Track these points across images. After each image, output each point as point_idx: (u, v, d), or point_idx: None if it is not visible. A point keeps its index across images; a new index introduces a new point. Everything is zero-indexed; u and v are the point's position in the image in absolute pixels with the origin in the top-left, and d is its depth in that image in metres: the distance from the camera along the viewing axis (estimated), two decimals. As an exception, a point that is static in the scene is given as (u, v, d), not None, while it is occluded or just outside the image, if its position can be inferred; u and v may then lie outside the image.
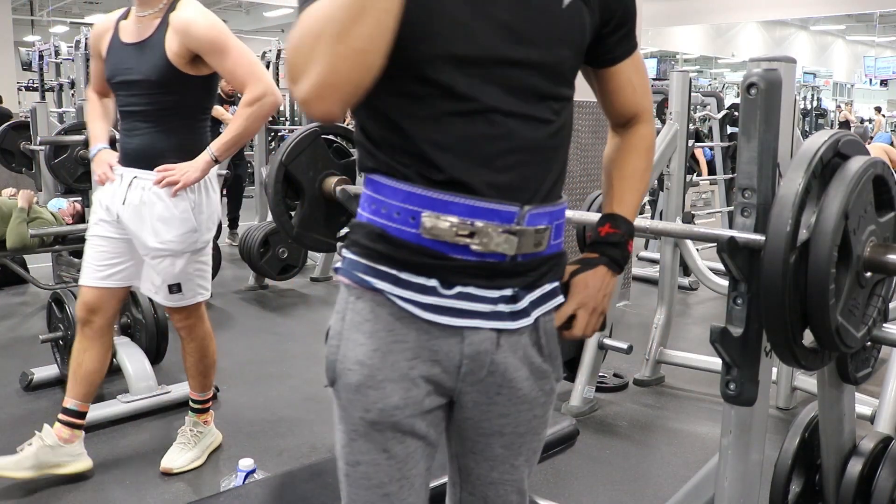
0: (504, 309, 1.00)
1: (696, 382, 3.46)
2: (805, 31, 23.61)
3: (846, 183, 1.17)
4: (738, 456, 1.39)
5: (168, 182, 2.25)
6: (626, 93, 1.17)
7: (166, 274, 2.34)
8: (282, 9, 18.09)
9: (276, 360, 3.79)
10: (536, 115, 0.99)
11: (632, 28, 1.13)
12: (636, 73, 1.16)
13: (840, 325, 1.20)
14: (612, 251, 1.14)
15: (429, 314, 0.97)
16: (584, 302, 1.11)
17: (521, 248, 0.98)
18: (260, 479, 2.08)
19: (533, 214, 0.98)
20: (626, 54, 1.14)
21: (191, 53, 2.20)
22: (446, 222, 0.94)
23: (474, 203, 0.94)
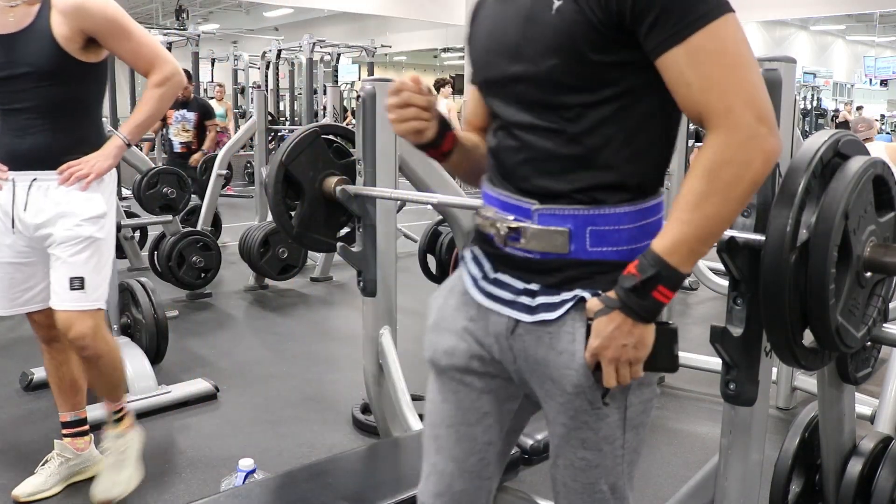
0: (525, 301, 1.07)
1: (696, 382, 3.46)
2: (805, 31, 23.58)
3: (846, 183, 1.17)
4: (738, 456, 1.39)
5: (77, 177, 2.08)
6: (680, 91, 0.96)
7: (70, 266, 2.09)
8: (282, 9, 18.09)
9: (276, 360, 3.78)
10: (545, 125, 1.03)
11: (664, 15, 0.93)
12: (690, 65, 0.94)
13: (840, 325, 1.20)
14: (628, 297, 0.97)
15: (473, 291, 1.14)
16: (600, 351, 0.99)
17: (530, 245, 1.04)
18: (260, 479, 2.08)
19: (545, 215, 1.03)
20: (663, 46, 0.94)
21: (84, 37, 2.02)
22: (485, 214, 1.11)
23: (499, 197, 1.09)
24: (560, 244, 1.02)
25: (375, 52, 11.55)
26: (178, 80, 2.17)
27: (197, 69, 9.93)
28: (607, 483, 1.12)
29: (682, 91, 0.96)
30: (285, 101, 12.97)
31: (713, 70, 0.93)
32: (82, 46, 2.04)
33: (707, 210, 0.94)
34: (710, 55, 0.93)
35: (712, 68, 0.93)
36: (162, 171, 4.44)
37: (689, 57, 0.94)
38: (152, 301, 3.24)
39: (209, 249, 4.76)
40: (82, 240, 2.10)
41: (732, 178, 0.93)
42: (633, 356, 0.99)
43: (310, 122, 8.73)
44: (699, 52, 0.93)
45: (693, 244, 0.96)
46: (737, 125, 0.93)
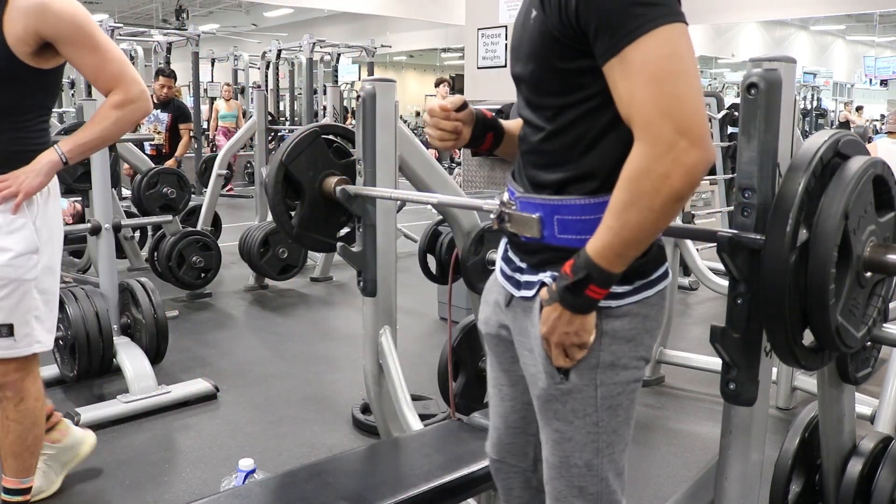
0: (517, 277, 1.21)
1: (696, 382, 3.46)
2: (805, 31, 23.57)
3: (846, 183, 1.17)
4: (738, 456, 1.39)
5: (4, 196, 1.78)
6: (616, 102, 1.01)
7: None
8: (282, 9, 18.08)
9: (276, 360, 3.79)
10: (534, 122, 1.16)
11: (604, 27, 0.98)
12: (621, 77, 0.98)
13: (840, 325, 1.20)
14: (564, 294, 1.06)
15: (499, 264, 1.28)
16: (546, 336, 1.12)
17: (512, 227, 1.18)
18: (260, 479, 2.08)
19: (523, 202, 1.16)
20: (603, 57, 1.00)
21: (40, 41, 1.76)
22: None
23: (508, 182, 1.23)
24: (534, 230, 1.14)
25: (375, 52, 11.54)
26: (144, 105, 1.90)
27: (197, 69, 9.94)
28: (582, 459, 1.18)
29: (617, 102, 1.01)
30: (285, 101, 12.97)
31: (637, 83, 0.97)
32: (34, 51, 1.77)
33: (629, 218, 0.99)
34: (636, 68, 0.97)
35: (637, 81, 0.97)
36: (162, 171, 4.44)
37: (622, 69, 0.98)
38: (152, 301, 3.24)
39: (209, 249, 4.76)
40: (6, 283, 1.80)
41: (651, 189, 0.97)
42: (577, 341, 1.10)
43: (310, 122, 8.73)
44: (629, 65, 0.97)
45: (619, 249, 1.02)
46: (655, 138, 0.96)
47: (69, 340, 3.04)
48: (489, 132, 1.33)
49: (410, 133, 2.44)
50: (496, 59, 4.70)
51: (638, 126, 0.98)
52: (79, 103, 5.05)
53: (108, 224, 3.24)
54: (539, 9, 1.06)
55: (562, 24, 1.02)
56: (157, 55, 10.51)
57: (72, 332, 3.00)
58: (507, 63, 1.28)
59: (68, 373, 3.12)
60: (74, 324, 2.99)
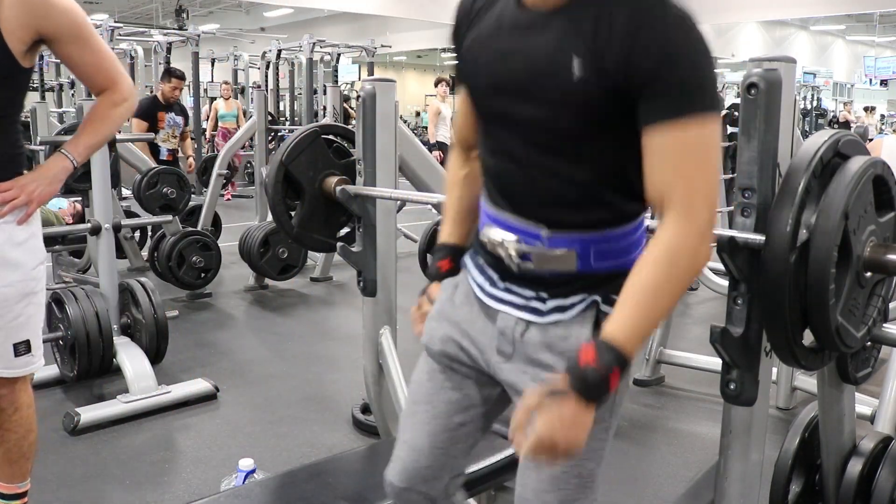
0: (536, 305, 1.13)
1: (696, 382, 3.46)
2: (805, 31, 23.57)
3: (846, 183, 1.17)
4: (738, 456, 1.39)
5: (13, 206, 1.69)
6: (653, 163, 1.01)
7: (12, 330, 1.73)
8: (282, 9, 18.08)
9: (276, 360, 3.78)
10: (550, 164, 1.10)
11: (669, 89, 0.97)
12: (673, 146, 0.97)
13: (840, 325, 1.20)
14: (589, 387, 0.97)
15: (481, 295, 1.20)
16: (547, 435, 0.98)
17: (538, 266, 1.10)
18: (260, 479, 2.08)
19: (555, 239, 1.09)
20: (655, 116, 0.99)
21: (36, 37, 1.67)
22: (491, 236, 1.16)
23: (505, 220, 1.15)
24: (569, 264, 1.09)
25: (375, 52, 11.54)
26: (134, 103, 1.89)
27: (197, 69, 9.93)
28: (587, 468, 1.19)
29: (656, 165, 0.99)
30: (285, 101, 12.97)
31: (690, 161, 0.97)
32: (29, 47, 1.68)
33: (664, 298, 1.00)
34: (692, 146, 0.97)
35: (690, 158, 0.97)
36: (162, 171, 4.44)
37: (675, 139, 0.97)
38: (152, 301, 3.24)
39: (209, 249, 4.76)
40: (23, 297, 1.74)
41: (687, 267, 0.99)
42: (575, 440, 1.00)
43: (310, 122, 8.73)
44: (685, 139, 0.97)
45: (648, 332, 1.02)
46: (696, 218, 0.98)
47: (69, 340, 3.04)
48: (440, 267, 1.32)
49: (410, 133, 2.44)
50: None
51: (681, 202, 0.98)
52: (79, 103, 5.04)
53: (108, 224, 3.24)
54: (585, 56, 0.99)
55: (626, 80, 0.97)
56: (157, 55, 10.51)
57: (72, 332, 3.00)
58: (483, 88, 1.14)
59: (68, 373, 3.12)
60: (74, 324, 2.99)
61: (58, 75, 12.20)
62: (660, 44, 0.96)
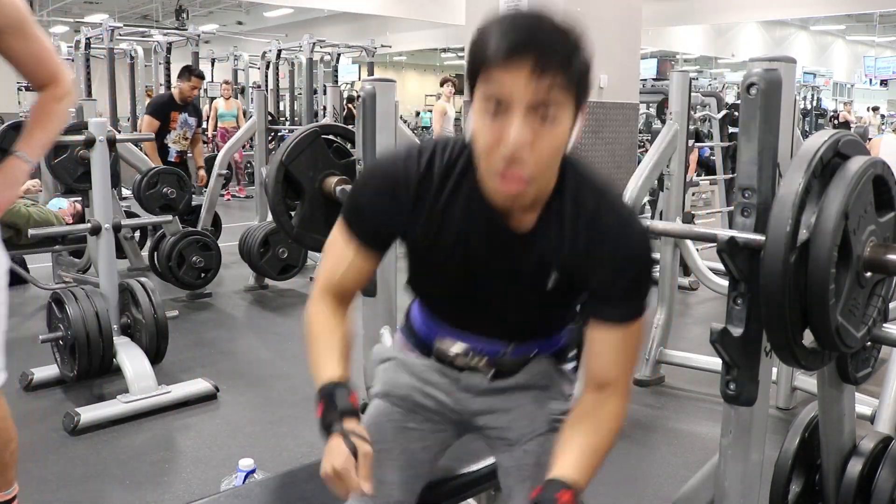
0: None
1: (696, 382, 3.46)
2: (805, 31, 23.56)
3: (846, 183, 1.17)
4: (738, 456, 1.39)
5: None
6: (600, 351, 1.19)
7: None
8: (282, 9, 18.08)
9: (276, 360, 3.79)
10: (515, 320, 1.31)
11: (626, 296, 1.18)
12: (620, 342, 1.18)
13: (840, 325, 1.20)
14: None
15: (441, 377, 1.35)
16: None
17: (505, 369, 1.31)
18: (260, 479, 2.08)
19: (517, 349, 1.31)
20: (607, 317, 1.19)
21: None
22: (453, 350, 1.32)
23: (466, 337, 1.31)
24: (524, 363, 1.31)
25: (375, 52, 11.54)
26: (73, 98, 1.85)
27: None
28: None
29: (602, 353, 1.18)
30: (285, 101, 12.97)
31: (629, 354, 1.19)
32: None
33: (602, 457, 1.18)
34: (632, 341, 1.19)
35: (629, 352, 1.19)
36: (162, 171, 4.44)
37: (621, 336, 1.17)
38: (152, 301, 3.24)
39: (209, 249, 4.77)
40: None
41: (619, 429, 1.22)
42: None
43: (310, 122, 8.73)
44: (628, 336, 1.18)
45: (593, 474, 1.16)
46: (626, 394, 1.22)
47: (69, 340, 3.04)
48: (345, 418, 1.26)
49: (410, 133, 2.44)
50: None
51: (621, 384, 1.20)
52: (79, 103, 5.05)
53: (108, 224, 3.24)
54: (557, 271, 1.16)
55: (583, 284, 1.17)
56: (157, 55, 10.51)
57: (72, 332, 3.00)
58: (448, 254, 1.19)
59: (68, 373, 3.12)
60: (74, 324, 2.99)
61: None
62: (618, 264, 1.13)
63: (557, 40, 1.00)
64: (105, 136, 3.22)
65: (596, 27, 4.72)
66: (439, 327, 1.31)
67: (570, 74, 1.00)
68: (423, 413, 1.35)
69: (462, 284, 1.22)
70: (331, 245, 1.25)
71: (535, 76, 0.97)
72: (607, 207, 1.14)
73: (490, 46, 0.99)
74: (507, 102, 0.99)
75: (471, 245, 1.17)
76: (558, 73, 0.98)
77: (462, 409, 1.35)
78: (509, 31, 0.99)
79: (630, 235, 1.14)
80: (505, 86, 0.99)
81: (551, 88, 0.99)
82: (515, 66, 0.98)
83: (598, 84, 4.63)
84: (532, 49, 0.98)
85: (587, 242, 1.13)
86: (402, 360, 1.39)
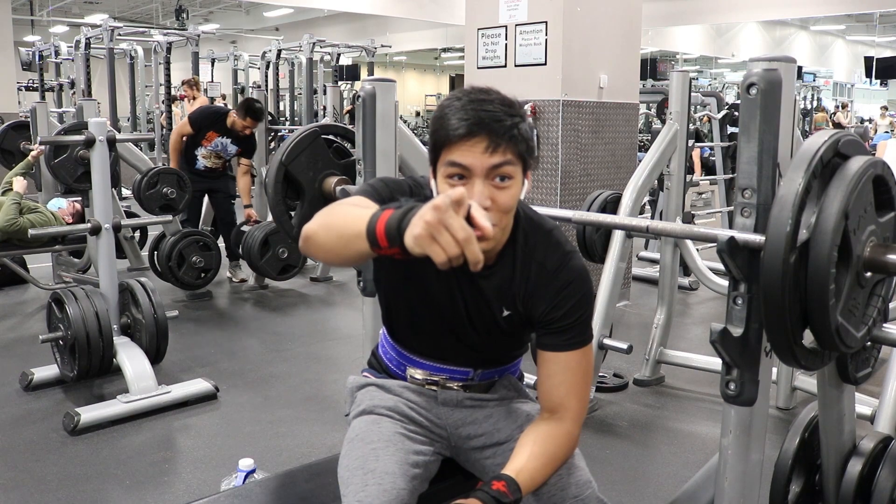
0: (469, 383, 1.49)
1: (696, 382, 3.46)
2: (805, 31, 23.57)
3: (846, 183, 1.17)
4: (738, 456, 1.39)
5: None
6: (551, 378, 1.34)
7: None
8: (282, 9, 18.08)
9: (276, 360, 3.79)
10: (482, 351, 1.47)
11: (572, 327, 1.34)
12: (566, 370, 1.34)
13: (840, 325, 1.20)
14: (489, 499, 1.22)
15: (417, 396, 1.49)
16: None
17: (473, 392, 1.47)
18: (260, 479, 2.08)
19: (484, 374, 1.47)
20: (554, 347, 1.35)
21: None
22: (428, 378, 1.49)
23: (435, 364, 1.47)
24: (491, 386, 1.48)
25: (375, 52, 11.55)
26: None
27: (197, 69, 9.93)
28: None
29: (550, 377, 1.33)
30: (285, 101, 12.97)
31: (576, 378, 1.33)
32: None
33: (551, 471, 1.31)
34: (577, 368, 1.34)
35: (576, 377, 1.33)
36: (162, 171, 4.44)
37: (565, 361, 1.33)
38: (152, 301, 3.24)
39: (209, 249, 4.77)
40: None
41: (571, 451, 1.36)
42: None
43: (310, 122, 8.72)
44: (572, 363, 1.33)
45: (535, 485, 1.29)
46: (578, 421, 1.35)
47: (69, 340, 3.04)
48: None
49: (410, 133, 2.44)
50: (496, 59, 4.70)
51: (572, 410, 1.33)
52: (79, 103, 5.05)
53: (108, 224, 3.24)
54: (510, 305, 1.34)
55: (532, 315, 1.33)
56: (157, 55, 10.51)
57: (72, 332, 3.00)
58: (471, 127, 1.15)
59: (68, 373, 3.12)
60: (74, 324, 2.99)
61: (58, 75, 12.20)
62: (559, 297, 1.31)
63: (503, 117, 1.20)
64: (105, 136, 3.22)
65: (596, 27, 4.72)
66: (409, 360, 1.47)
67: (516, 143, 1.20)
68: (412, 423, 1.44)
69: (425, 316, 1.39)
70: (339, 202, 1.24)
71: (489, 151, 1.18)
72: (552, 248, 1.33)
73: (451, 127, 1.19)
74: (470, 171, 1.19)
75: (438, 278, 1.32)
76: (508, 145, 1.20)
77: (445, 423, 1.46)
78: (465, 115, 1.19)
79: (570, 271, 1.32)
80: (466, 158, 1.19)
81: (503, 158, 1.19)
82: (472, 143, 1.18)
83: (599, 84, 4.63)
84: (484, 129, 1.18)
85: (532, 279, 1.32)
86: (380, 383, 1.49)
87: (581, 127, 4.53)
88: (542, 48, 4.48)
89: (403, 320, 1.45)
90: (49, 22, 18.89)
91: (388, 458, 1.33)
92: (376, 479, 1.28)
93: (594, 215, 1.92)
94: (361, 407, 1.47)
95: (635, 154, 4.93)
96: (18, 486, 2.44)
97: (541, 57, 4.48)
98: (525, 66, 4.53)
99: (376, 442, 1.36)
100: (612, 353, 3.20)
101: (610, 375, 3.47)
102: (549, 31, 4.43)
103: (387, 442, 1.37)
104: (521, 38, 4.57)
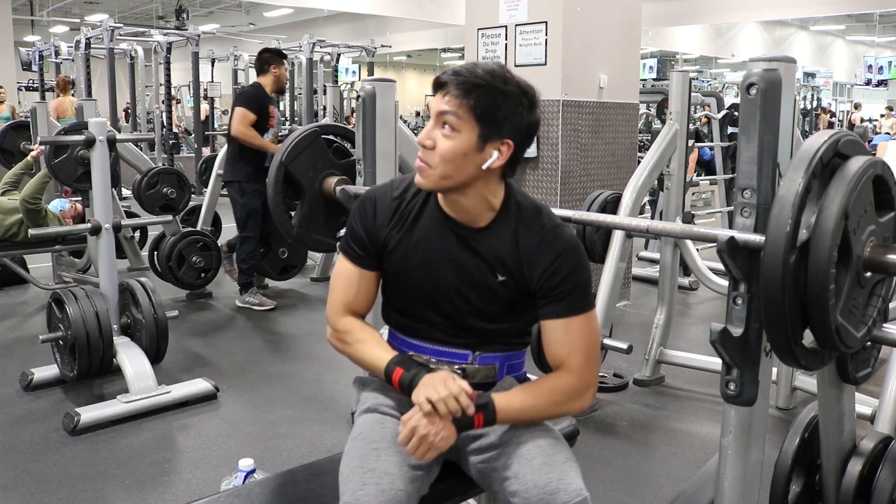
0: None
1: (696, 382, 3.46)
2: (805, 31, 23.57)
3: (846, 183, 1.17)
4: (738, 456, 1.39)
5: None
6: (556, 339, 1.38)
7: None
8: (282, 9, 18.08)
9: (276, 360, 3.79)
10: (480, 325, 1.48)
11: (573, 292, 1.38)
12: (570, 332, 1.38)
13: (840, 325, 1.20)
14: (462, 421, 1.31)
15: None
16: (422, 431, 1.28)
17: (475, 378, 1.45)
18: (260, 479, 2.08)
19: (483, 357, 1.47)
20: (556, 314, 1.40)
21: None
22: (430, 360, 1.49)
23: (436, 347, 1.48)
24: (492, 375, 1.47)
25: (375, 52, 11.54)
26: None
27: (197, 69, 9.93)
28: None
29: (557, 343, 1.37)
30: (285, 101, 12.97)
31: (580, 339, 1.37)
32: None
33: (541, 413, 1.38)
34: (580, 330, 1.37)
35: (580, 339, 1.37)
36: (162, 171, 4.44)
37: (565, 325, 1.36)
38: (152, 301, 3.24)
39: (209, 249, 4.76)
40: None
41: (563, 407, 1.39)
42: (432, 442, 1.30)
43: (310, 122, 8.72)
44: (574, 326, 1.37)
45: (515, 420, 1.37)
46: (583, 378, 1.38)
47: (69, 340, 3.04)
48: None
49: (410, 133, 2.44)
50: (496, 59, 4.70)
51: (569, 361, 1.37)
52: (79, 103, 5.05)
53: (108, 224, 3.24)
54: (505, 270, 1.38)
55: (529, 283, 1.37)
56: (157, 55, 10.51)
57: (72, 332, 3.00)
58: None
59: (68, 373, 3.12)
60: (74, 324, 2.99)
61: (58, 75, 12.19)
62: (554, 263, 1.36)
63: (471, 79, 1.29)
64: (105, 136, 3.22)
65: (596, 27, 4.71)
66: (409, 346, 1.48)
67: (469, 100, 1.29)
68: None
69: (427, 286, 1.42)
70: (336, 275, 1.50)
71: (443, 97, 1.32)
72: (544, 218, 1.40)
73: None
74: (430, 115, 1.35)
75: (432, 246, 1.40)
76: (463, 99, 1.29)
77: None
78: (447, 72, 1.33)
79: (563, 240, 1.38)
80: (431, 104, 1.34)
81: (449, 108, 1.30)
82: (438, 92, 1.33)
83: (599, 84, 4.63)
84: (451, 80, 1.31)
85: (526, 245, 1.37)
86: (384, 383, 1.49)
87: (581, 127, 4.53)
88: (542, 48, 4.48)
89: (404, 293, 1.48)
90: (49, 22, 18.88)
91: (389, 458, 1.33)
92: (375, 479, 1.28)
93: (594, 215, 1.92)
94: (366, 405, 1.48)
95: (635, 154, 4.93)
96: (18, 486, 2.44)
97: (541, 57, 4.49)
98: (525, 66, 4.53)
99: (379, 442, 1.37)
100: (612, 353, 3.20)
101: (610, 375, 3.47)
102: (549, 31, 4.43)
103: (389, 442, 1.36)
104: (521, 38, 4.57)
